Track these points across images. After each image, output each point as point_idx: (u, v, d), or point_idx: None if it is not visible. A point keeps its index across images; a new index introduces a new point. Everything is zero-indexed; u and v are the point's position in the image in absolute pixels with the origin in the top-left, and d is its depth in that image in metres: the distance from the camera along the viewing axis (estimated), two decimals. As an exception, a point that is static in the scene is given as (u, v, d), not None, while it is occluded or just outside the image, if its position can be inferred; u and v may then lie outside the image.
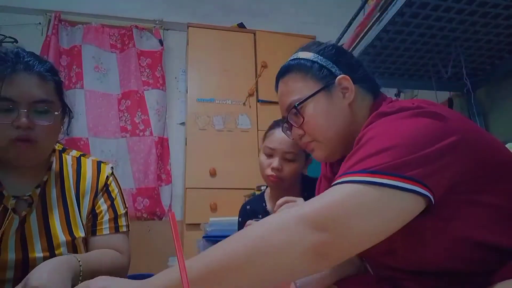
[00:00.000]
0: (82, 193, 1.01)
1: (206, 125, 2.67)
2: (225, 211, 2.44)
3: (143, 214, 2.63)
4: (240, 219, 1.45)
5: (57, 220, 0.94)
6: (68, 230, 0.95)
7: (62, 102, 0.95)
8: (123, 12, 2.93)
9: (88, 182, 1.02)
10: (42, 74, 0.88)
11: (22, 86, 0.85)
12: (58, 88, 0.94)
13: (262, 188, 1.99)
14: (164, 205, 2.70)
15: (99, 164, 1.07)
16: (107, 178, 1.05)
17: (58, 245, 0.92)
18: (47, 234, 0.92)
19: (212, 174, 2.57)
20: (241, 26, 3.01)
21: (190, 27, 2.84)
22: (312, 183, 1.35)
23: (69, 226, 0.95)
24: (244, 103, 2.77)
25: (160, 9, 3.01)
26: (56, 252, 0.91)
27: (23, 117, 0.84)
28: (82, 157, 1.07)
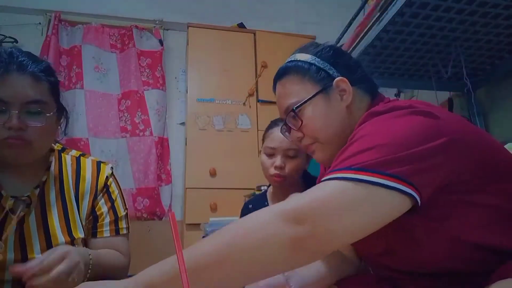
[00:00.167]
0: (81, 193, 1.00)
1: (206, 125, 2.67)
2: (225, 211, 2.44)
3: (143, 214, 2.63)
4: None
5: (56, 220, 0.94)
6: (67, 231, 0.94)
7: (57, 103, 0.94)
8: (123, 12, 2.92)
9: (87, 183, 1.02)
10: (36, 74, 0.87)
11: (15, 87, 0.84)
12: (53, 89, 0.92)
13: (262, 188, 1.98)
14: (164, 205, 2.70)
15: (98, 164, 1.06)
16: (107, 178, 1.05)
17: (57, 245, 0.91)
18: (46, 234, 0.91)
19: (212, 174, 2.57)
20: (241, 26, 3.01)
21: (190, 27, 2.84)
22: (313, 181, 1.36)
23: (68, 226, 0.95)
24: (244, 103, 2.77)
25: (160, 9, 3.01)
26: None
27: (14, 118, 0.83)
28: (82, 157, 1.06)
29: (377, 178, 0.56)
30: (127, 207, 1.08)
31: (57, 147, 1.04)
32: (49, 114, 0.89)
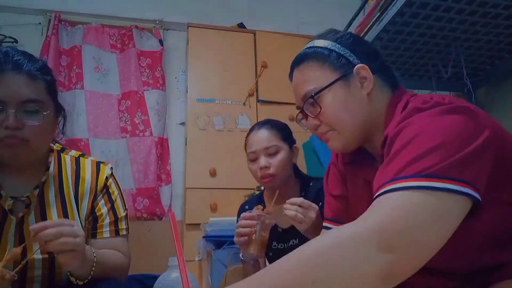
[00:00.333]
0: (81, 194, 1.00)
1: (206, 125, 2.67)
2: (225, 211, 2.44)
3: (143, 214, 2.63)
4: (238, 219, 1.45)
5: (55, 221, 0.94)
6: (67, 231, 0.94)
7: (54, 102, 0.94)
8: (123, 12, 2.92)
9: (87, 183, 1.02)
10: (32, 73, 0.87)
11: (10, 86, 0.84)
12: (49, 88, 0.92)
13: (262, 188, 1.98)
14: (164, 205, 2.70)
15: (98, 164, 1.06)
16: (107, 179, 1.04)
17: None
18: None
19: (212, 174, 2.57)
20: (241, 26, 3.01)
21: (190, 27, 2.84)
22: (308, 181, 1.36)
23: (67, 227, 0.95)
24: (244, 103, 2.77)
25: (160, 9, 3.01)
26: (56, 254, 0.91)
27: (11, 117, 0.83)
28: (81, 157, 1.06)
29: (450, 185, 0.53)
30: (126, 207, 1.08)
31: (56, 147, 1.04)
32: (46, 113, 0.89)
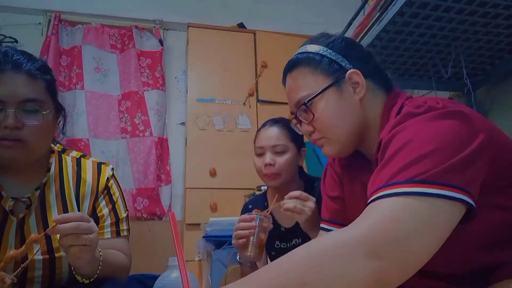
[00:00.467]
0: (82, 195, 1.00)
1: (206, 125, 2.67)
2: (225, 211, 2.44)
3: (143, 214, 2.63)
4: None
5: (56, 222, 0.94)
6: (68, 232, 0.94)
7: (54, 102, 0.94)
8: (123, 12, 2.92)
9: (88, 184, 1.01)
10: (31, 72, 0.87)
11: (10, 86, 0.84)
12: (49, 87, 0.92)
13: (263, 188, 1.99)
14: (164, 205, 2.70)
15: (99, 165, 1.06)
16: (108, 180, 1.04)
17: (57, 247, 0.91)
18: (46, 236, 0.91)
19: (212, 174, 2.57)
20: (241, 26, 3.01)
21: (190, 27, 2.84)
22: (312, 182, 1.36)
23: (68, 227, 0.95)
24: (244, 103, 2.77)
25: (160, 9, 3.01)
26: (56, 254, 0.91)
27: (10, 117, 0.83)
28: (82, 158, 1.06)
29: (443, 191, 0.53)
30: (127, 209, 1.08)
31: (57, 148, 1.04)
32: (45, 112, 0.88)
